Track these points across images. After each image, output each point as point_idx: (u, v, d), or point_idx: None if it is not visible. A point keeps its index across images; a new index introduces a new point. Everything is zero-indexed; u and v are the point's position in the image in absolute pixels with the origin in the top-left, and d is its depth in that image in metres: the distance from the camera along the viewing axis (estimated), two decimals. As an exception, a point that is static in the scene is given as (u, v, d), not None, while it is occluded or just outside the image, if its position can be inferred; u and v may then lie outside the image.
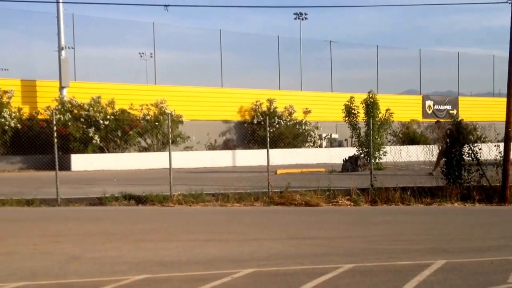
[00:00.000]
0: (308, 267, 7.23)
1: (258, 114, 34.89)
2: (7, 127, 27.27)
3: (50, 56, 32.44)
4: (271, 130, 33.41)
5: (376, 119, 22.65)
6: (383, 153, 22.40)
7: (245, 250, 8.39)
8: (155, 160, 28.05)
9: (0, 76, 30.11)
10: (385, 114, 23.40)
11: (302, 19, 52.52)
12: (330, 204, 14.42)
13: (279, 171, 21.44)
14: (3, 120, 27.17)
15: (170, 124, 16.22)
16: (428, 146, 16.37)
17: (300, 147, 32.64)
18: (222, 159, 29.67)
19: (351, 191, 14.74)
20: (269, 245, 8.83)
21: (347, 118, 24.25)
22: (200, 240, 9.43)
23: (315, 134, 34.61)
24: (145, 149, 30.40)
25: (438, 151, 20.51)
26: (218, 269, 7.19)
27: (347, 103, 24.40)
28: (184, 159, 27.19)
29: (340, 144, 35.30)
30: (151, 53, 49.00)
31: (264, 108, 35.02)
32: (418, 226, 11.33)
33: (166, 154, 28.80)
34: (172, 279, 6.75)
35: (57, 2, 29.10)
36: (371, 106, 23.27)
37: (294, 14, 52.82)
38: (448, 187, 15.18)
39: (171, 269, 7.24)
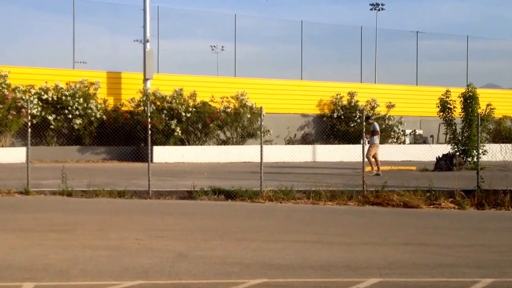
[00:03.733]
0: (440, 280, 6.71)
1: (338, 107, 34.25)
2: (93, 118, 27.88)
3: (133, 48, 32.94)
4: (352, 125, 32.87)
5: (475, 114, 21.63)
6: (482, 152, 21.36)
7: (359, 256, 7.95)
8: (235, 154, 28.00)
9: (86, 68, 30.80)
10: (486, 110, 22.28)
11: (379, 9, 51.61)
12: (431, 206, 13.67)
13: (367, 168, 20.81)
14: (89, 111, 27.78)
15: (262, 117, 15.98)
16: None
17: (383, 143, 31.76)
18: (302, 154, 29.23)
19: (454, 193, 13.96)
20: (383, 251, 8.37)
21: (442, 113, 23.17)
22: (305, 242, 9.08)
23: (398, 129, 33.65)
24: (224, 142, 30.37)
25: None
26: (337, 276, 6.81)
27: (442, 97, 23.27)
28: (264, 153, 26.95)
29: (425, 141, 34.20)
30: (222, 46, 49.33)
31: (345, 102, 34.36)
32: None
33: (245, 147, 29.08)
34: (292, 285, 6.43)
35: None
36: (470, 101, 22.22)
37: (370, 5, 52.03)
38: None
39: (286, 273, 6.91)
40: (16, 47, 36.28)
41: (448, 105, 22.96)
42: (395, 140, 33.29)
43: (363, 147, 15.70)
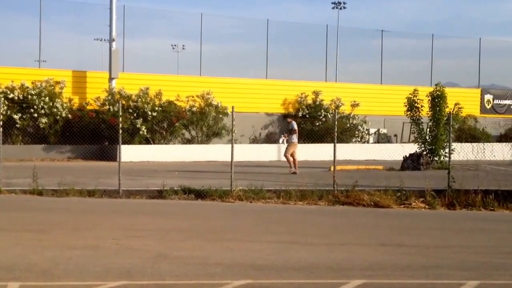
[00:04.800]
0: (424, 282, 6.79)
1: (303, 107, 34.43)
2: (58, 117, 27.54)
3: (96, 47, 32.61)
4: (317, 124, 33.08)
5: (443, 113, 21.93)
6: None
7: (339, 256, 8.04)
8: (200, 153, 27.99)
9: (51, 67, 30.46)
10: (454, 109, 22.59)
11: (341, 8, 52.08)
12: (402, 206, 13.85)
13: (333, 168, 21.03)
14: (55, 110, 27.44)
15: (233, 117, 15.97)
16: None
17: (347, 142, 32.01)
18: (267, 153, 29.34)
19: (425, 193, 14.10)
20: (362, 252, 8.48)
21: (409, 112, 23.44)
22: (283, 242, 9.15)
23: (363, 128, 33.99)
24: (189, 141, 30.30)
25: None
26: (321, 277, 6.87)
27: (410, 96, 23.57)
28: (228, 153, 26.97)
29: (388, 140, 34.63)
30: (183, 45, 49.09)
31: (310, 101, 34.56)
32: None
33: (211, 146, 29.08)
34: (277, 287, 6.49)
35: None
36: (438, 100, 22.51)
37: (332, 3, 52.48)
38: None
39: (269, 274, 6.95)
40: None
41: (416, 104, 23.23)
42: (359, 139, 33.64)
43: (334, 146, 15.77)
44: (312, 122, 33.37)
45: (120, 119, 16.38)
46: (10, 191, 14.43)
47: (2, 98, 26.01)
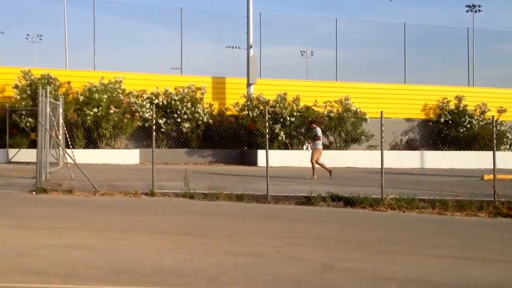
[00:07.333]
0: None
1: (445, 112, 33.07)
2: (200, 122, 28.23)
3: (229, 54, 33.19)
4: (462, 131, 31.62)
5: None
6: None
7: (524, 275, 7.32)
8: (338, 158, 27.46)
9: (194, 74, 31.32)
10: None
11: (476, 11, 49.90)
12: None
13: (486, 177, 19.86)
14: (197, 115, 28.15)
15: (382, 123, 15.33)
16: None
17: (497, 149, 30.32)
18: (408, 160, 28.41)
19: None
20: (547, 270, 7.69)
21: None
22: (453, 257, 8.48)
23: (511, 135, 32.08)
24: (326, 147, 29.88)
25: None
26: (512, 298, 6.25)
27: None
28: (368, 159, 26.42)
29: (538, 149, 32.48)
30: (312, 51, 48.99)
31: (452, 106, 33.14)
32: None
33: (348, 152, 28.56)
34: (466, 306, 5.94)
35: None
36: None
37: (466, 6, 50.38)
38: None
39: (451, 293, 6.40)
40: (129, 55, 37.75)
41: None
42: (507, 147, 31.78)
43: (493, 154, 14.70)
44: (455, 128, 31.95)
45: (267, 124, 16.27)
46: (164, 194, 14.74)
47: (148, 104, 27.19)
